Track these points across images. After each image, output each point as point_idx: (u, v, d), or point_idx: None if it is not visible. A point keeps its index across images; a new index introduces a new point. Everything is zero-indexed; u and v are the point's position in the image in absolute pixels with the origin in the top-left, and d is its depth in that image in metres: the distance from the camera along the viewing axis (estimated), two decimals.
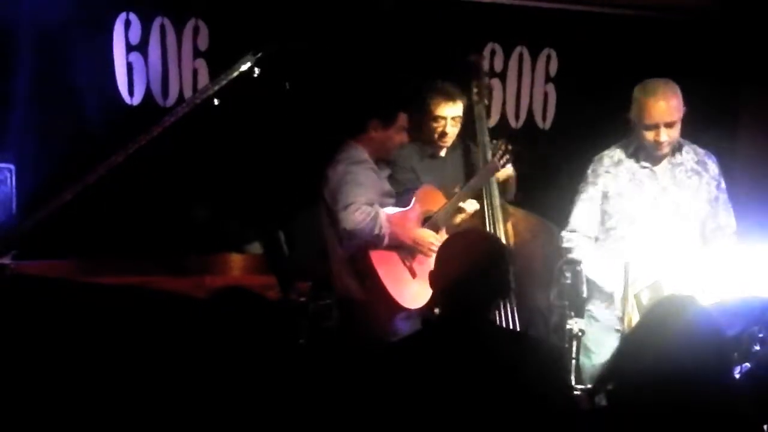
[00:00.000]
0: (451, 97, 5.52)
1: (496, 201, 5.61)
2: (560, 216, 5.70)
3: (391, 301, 5.19)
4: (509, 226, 5.62)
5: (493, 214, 5.59)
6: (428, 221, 5.42)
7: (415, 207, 5.42)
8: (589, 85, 6.37)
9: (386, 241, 5.19)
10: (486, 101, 5.85)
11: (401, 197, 5.45)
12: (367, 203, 5.12)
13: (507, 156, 5.58)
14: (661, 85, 4.94)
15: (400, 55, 5.99)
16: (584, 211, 5.10)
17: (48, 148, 5.46)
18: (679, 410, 2.85)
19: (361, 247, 5.18)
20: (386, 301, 5.19)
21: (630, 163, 5.06)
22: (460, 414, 3.16)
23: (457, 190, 5.52)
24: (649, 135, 4.93)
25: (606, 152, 5.15)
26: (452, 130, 5.57)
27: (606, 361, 3.18)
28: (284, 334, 3.04)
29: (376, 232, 5.12)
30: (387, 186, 5.41)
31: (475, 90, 5.76)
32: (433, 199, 5.51)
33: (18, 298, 3.87)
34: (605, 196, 5.05)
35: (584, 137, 6.07)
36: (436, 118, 5.54)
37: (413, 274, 5.29)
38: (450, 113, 5.54)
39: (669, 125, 4.91)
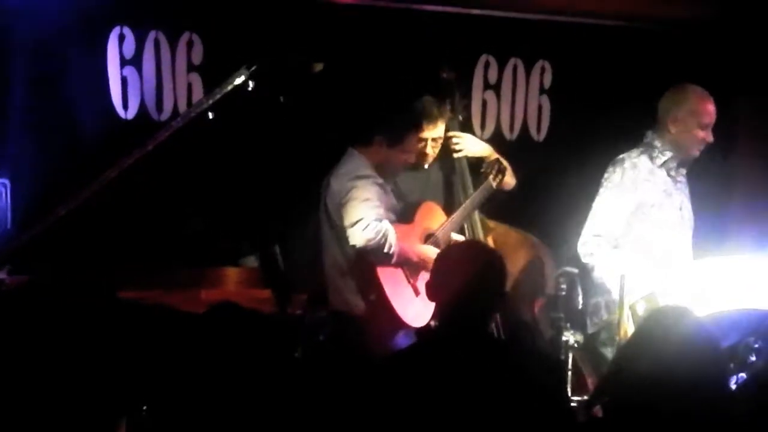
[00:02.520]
0: (431, 120, 5.44)
1: (476, 215, 5.59)
2: (554, 227, 5.72)
3: (395, 318, 5.15)
4: (489, 240, 5.57)
5: (473, 229, 5.57)
6: (430, 239, 5.40)
7: (417, 223, 5.39)
8: (584, 97, 6.37)
9: (395, 258, 5.17)
10: (461, 117, 5.81)
11: (403, 212, 5.43)
12: (376, 219, 5.09)
13: (501, 175, 5.57)
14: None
15: (393, 68, 5.98)
16: (615, 217, 5.06)
17: (43, 163, 5.45)
18: (675, 421, 2.85)
19: (367, 262, 5.16)
20: (389, 318, 5.15)
21: (661, 174, 5.08)
22: (458, 425, 3.16)
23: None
24: (702, 134, 5.03)
25: (633, 159, 5.12)
26: (432, 151, 5.52)
27: (602, 373, 3.18)
28: (280, 348, 3.03)
29: (386, 250, 5.08)
30: (393, 200, 5.36)
31: (449, 107, 5.71)
32: (434, 216, 5.49)
33: (12, 313, 3.85)
34: (640, 205, 5.04)
35: (579, 149, 6.08)
36: (419, 140, 5.45)
37: (416, 292, 5.26)
38: (430, 135, 5.47)
39: None
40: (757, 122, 6.59)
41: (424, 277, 5.24)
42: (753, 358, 4.16)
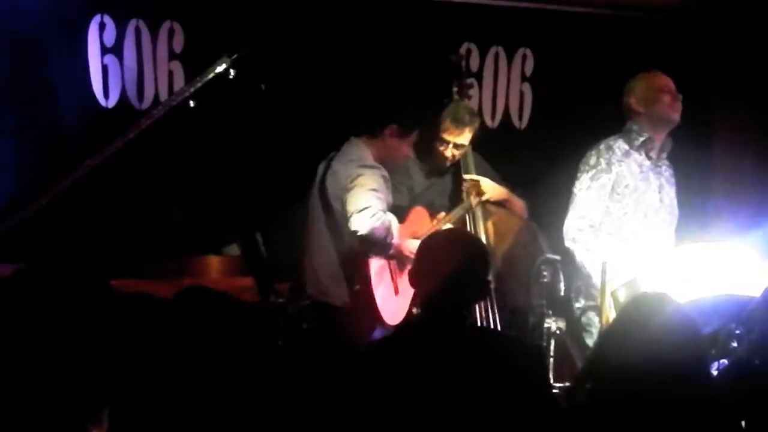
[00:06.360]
0: (459, 126, 5.48)
1: (474, 201, 5.60)
2: (536, 215, 5.73)
3: (374, 312, 5.14)
4: (490, 224, 5.60)
5: (473, 213, 5.59)
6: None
7: (407, 225, 5.38)
8: (565, 84, 6.39)
9: (391, 250, 5.16)
10: (467, 100, 5.85)
11: (395, 213, 5.41)
12: (381, 210, 5.05)
13: (479, 195, 5.57)
14: None
15: (377, 55, 5.98)
16: (594, 199, 5.15)
17: (23, 151, 5.43)
18: (656, 407, 2.86)
19: (360, 252, 5.15)
20: (369, 310, 5.15)
21: (638, 156, 5.17)
22: (440, 413, 3.17)
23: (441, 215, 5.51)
24: (669, 97, 5.16)
25: (609, 142, 5.23)
26: (452, 156, 5.56)
27: (584, 360, 3.20)
28: (261, 336, 3.03)
29: (388, 240, 5.08)
30: (390, 197, 5.30)
31: (455, 89, 5.75)
32: (422, 222, 5.47)
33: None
34: (615, 186, 5.12)
35: (560, 136, 6.10)
36: (441, 140, 5.52)
37: (396, 291, 5.27)
38: (454, 139, 5.51)
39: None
40: (734, 111, 6.62)
41: (405, 277, 5.25)
42: (734, 344, 4.17)
